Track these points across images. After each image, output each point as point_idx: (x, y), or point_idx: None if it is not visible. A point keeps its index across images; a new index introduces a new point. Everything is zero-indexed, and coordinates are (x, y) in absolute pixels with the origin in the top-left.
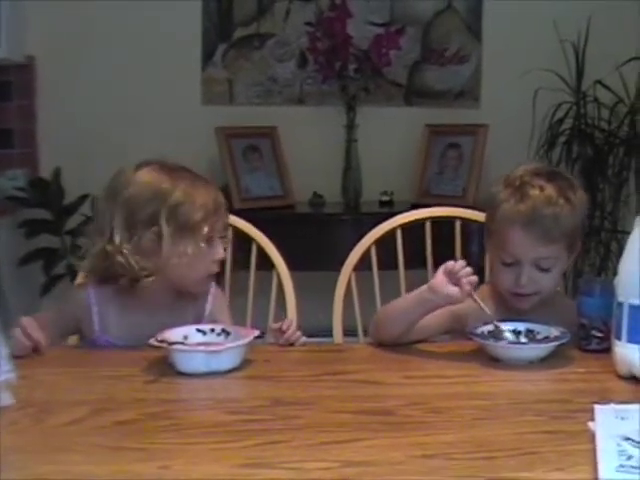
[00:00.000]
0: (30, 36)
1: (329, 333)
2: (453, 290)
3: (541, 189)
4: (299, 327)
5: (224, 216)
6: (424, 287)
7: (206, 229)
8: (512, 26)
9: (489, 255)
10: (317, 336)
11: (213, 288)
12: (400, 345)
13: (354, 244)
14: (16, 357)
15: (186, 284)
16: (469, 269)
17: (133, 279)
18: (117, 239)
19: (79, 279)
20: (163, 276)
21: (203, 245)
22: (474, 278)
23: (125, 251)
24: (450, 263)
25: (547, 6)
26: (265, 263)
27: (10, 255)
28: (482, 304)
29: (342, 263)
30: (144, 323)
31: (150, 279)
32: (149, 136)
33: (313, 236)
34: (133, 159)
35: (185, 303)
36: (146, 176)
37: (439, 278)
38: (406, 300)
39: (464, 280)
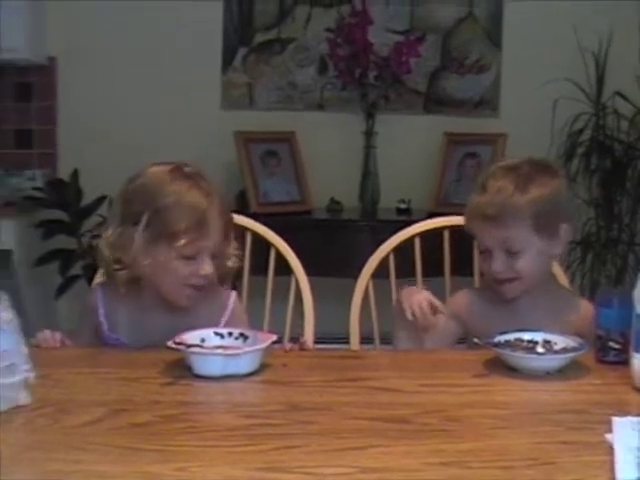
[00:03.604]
0: (51, 38)
1: (344, 340)
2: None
3: (496, 180)
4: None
5: (215, 234)
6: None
7: (183, 241)
8: (532, 35)
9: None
10: (333, 342)
11: (233, 298)
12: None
13: (370, 251)
14: (42, 348)
15: (161, 290)
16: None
17: (108, 272)
18: (109, 229)
19: (95, 279)
20: None
21: (175, 255)
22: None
23: (104, 241)
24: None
25: (568, 16)
26: (283, 268)
27: (26, 255)
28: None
29: (358, 270)
30: (156, 326)
31: (122, 272)
32: (168, 139)
33: (330, 242)
34: (151, 162)
35: (200, 310)
36: (151, 175)
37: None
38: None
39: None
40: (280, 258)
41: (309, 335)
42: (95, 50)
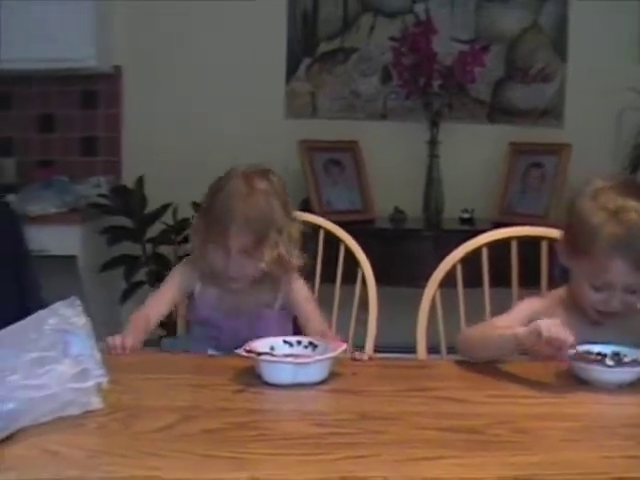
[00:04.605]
0: (117, 47)
1: (404, 349)
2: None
3: (637, 213)
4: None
5: (240, 236)
6: (519, 332)
7: (212, 245)
8: (597, 45)
9: (572, 268)
10: (393, 352)
11: (292, 279)
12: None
13: (434, 260)
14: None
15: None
16: (570, 340)
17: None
18: None
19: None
20: None
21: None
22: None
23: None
24: (553, 334)
25: (633, 25)
26: (349, 276)
27: (92, 261)
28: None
29: (421, 279)
30: (225, 298)
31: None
32: (232, 147)
33: (393, 251)
34: (215, 171)
35: (262, 287)
36: (225, 177)
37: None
38: (498, 337)
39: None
40: (348, 264)
41: (372, 331)
42: (160, 59)
